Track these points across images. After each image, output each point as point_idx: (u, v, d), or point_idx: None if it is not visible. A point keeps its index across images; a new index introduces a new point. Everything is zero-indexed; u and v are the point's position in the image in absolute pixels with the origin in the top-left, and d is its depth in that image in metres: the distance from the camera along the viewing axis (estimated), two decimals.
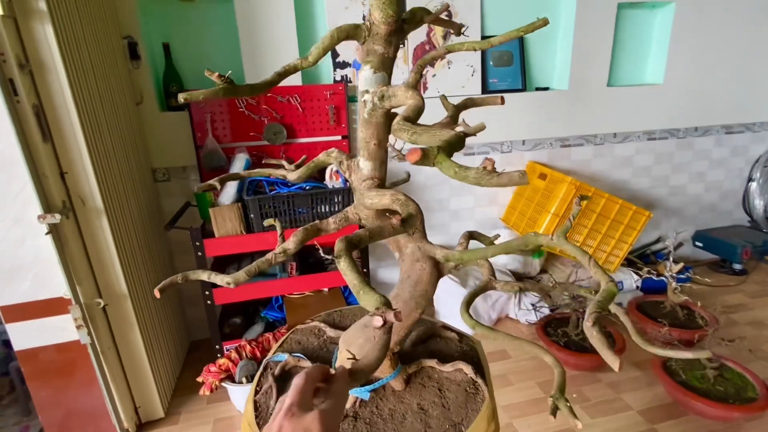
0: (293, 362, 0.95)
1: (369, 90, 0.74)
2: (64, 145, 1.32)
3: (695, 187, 2.80)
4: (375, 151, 0.79)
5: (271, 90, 1.91)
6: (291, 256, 1.98)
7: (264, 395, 0.88)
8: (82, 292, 1.42)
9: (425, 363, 0.96)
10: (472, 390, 0.91)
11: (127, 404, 1.62)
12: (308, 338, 1.06)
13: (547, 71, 2.38)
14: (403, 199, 0.72)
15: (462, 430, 0.82)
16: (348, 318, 1.14)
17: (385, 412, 0.87)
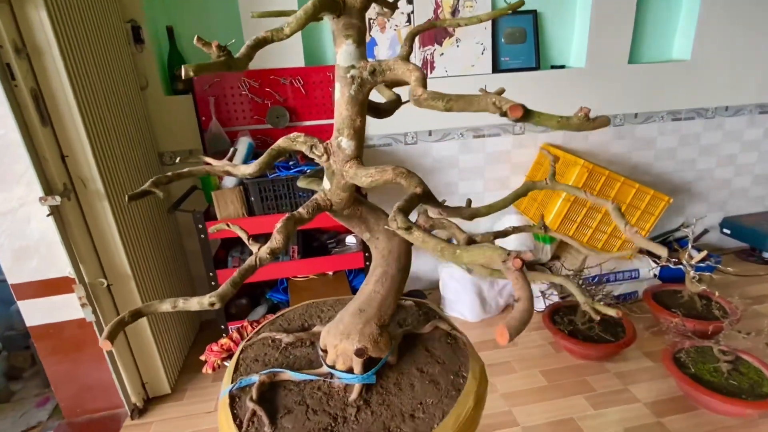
0: (268, 379, 0.87)
1: (355, 65, 0.71)
2: (63, 129, 1.35)
3: (724, 170, 2.63)
4: (359, 128, 0.76)
5: (274, 72, 1.90)
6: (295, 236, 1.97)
7: (252, 424, 0.79)
8: (86, 271, 1.46)
9: (406, 331, 0.97)
10: (451, 341, 0.96)
11: (135, 380, 1.68)
12: (265, 352, 0.96)
13: (563, 48, 2.26)
14: (407, 172, 0.71)
15: (464, 375, 0.87)
16: (295, 321, 1.06)
17: (391, 387, 0.86)
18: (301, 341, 0.99)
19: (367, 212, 0.91)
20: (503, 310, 2.24)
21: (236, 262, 1.86)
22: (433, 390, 0.85)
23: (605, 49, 2.20)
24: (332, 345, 0.89)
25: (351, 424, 0.80)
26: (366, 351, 0.86)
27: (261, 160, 0.82)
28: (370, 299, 0.88)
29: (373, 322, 0.87)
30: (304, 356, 0.94)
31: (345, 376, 0.86)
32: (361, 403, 0.84)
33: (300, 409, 0.84)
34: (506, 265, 0.52)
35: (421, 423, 0.79)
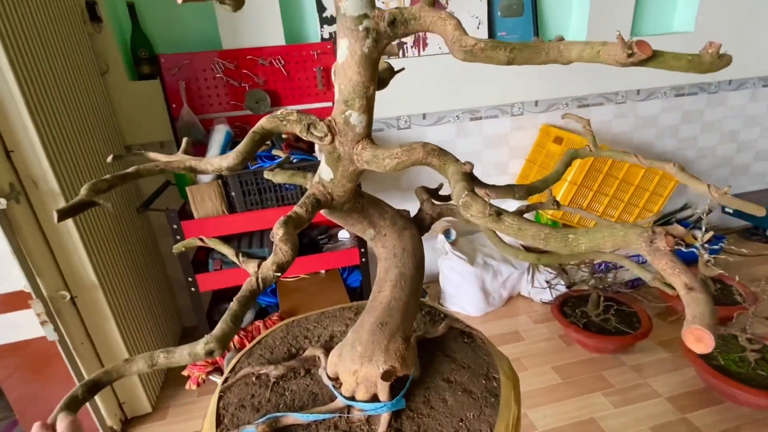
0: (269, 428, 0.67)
1: (368, 14, 0.54)
2: (5, 119, 1.15)
3: (726, 147, 2.55)
4: (371, 98, 0.59)
5: (252, 51, 1.71)
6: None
7: None
8: (44, 284, 1.27)
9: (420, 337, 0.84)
10: (468, 340, 0.85)
11: (110, 400, 1.50)
12: (252, 393, 0.76)
13: (563, 21, 2.11)
14: (439, 150, 0.56)
15: (495, 376, 0.76)
16: (279, 347, 0.86)
17: (422, 408, 0.71)
18: (293, 371, 0.80)
19: (369, 204, 0.75)
20: (506, 303, 2.12)
21: (218, 265, 1.69)
22: (469, 401, 0.71)
23: (606, 22, 2.06)
24: (349, 372, 0.72)
25: None
26: (395, 372, 0.71)
27: (240, 149, 0.63)
28: (391, 309, 0.72)
29: (398, 336, 0.72)
30: (303, 390, 0.76)
31: (369, 407, 0.70)
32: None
33: None
34: (654, 246, 0.39)
35: None
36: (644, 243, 0.39)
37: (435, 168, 0.56)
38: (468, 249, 2.09)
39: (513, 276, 2.04)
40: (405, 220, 0.77)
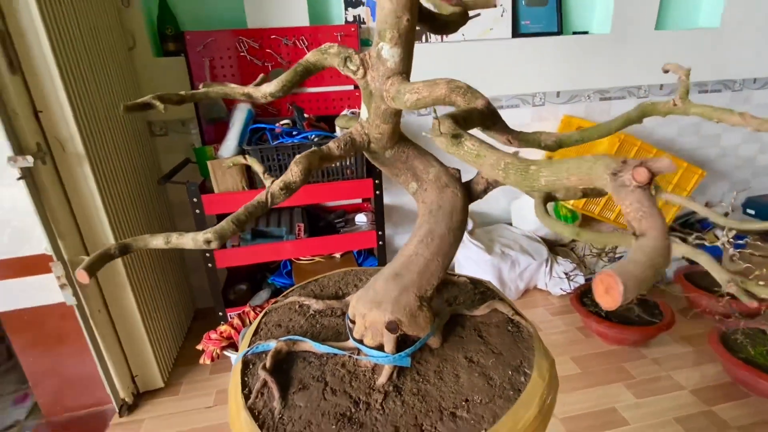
0: (287, 347, 0.73)
1: None
2: (36, 80, 1.16)
3: (750, 147, 2.50)
4: (406, 28, 0.58)
5: (276, 31, 1.72)
6: (300, 214, 1.80)
7: (260, 396, 0.66)
8: (65, 247, 1.27)
9: (454, 311, 0.79)
10: (513, 329, 0.78)
11: (123, 372, 1.49)
12: (290, 317, 0.84)
13: (587, 12, 2.10)
14: (466, 87, 0.54)
15: (527, 372, 0.68)
16: (329, 287, 0.92)
17: (430, 375, 0.69)
18: (331, 310, 0.82)
19: (415, 156, 0.74)
20: (523, 295, 2.09)
21: (235, 241, 1.68)
22: (484, 386, 0.67)
23: (631, 14, 2.05)
24: (361, 314, 0.72)
25: (374, 413, 0.64)
26: (400, 325, 0.69)
27: (284, 78, 0.65)
28: (410, 262, 0.71)
29: (411, 291, 0.69)
30: (333, 327, 0.77)
31: (373, 354, 0.69)
32: (390, 389, 0.67)
33: (317, 387, 0.67)
34: (620, 179, 0.35)
35: (464, 425, 0.61)
36: (610, 173, 0.34)
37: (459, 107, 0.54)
38: (485, 239, 2.07)
39: (531, 267, 2.01)
40: (450, 178, 0.73)
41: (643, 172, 0.32)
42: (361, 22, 1.86)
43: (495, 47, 1.97)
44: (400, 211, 2.16)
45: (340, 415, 0.64)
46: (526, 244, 2.04)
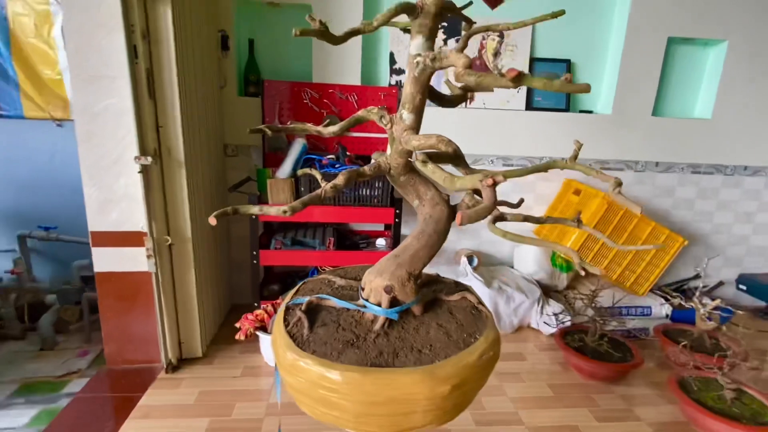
0: (317, 301, 1.08)
1: (421, 54, 0.94)
2: (163, 104, 1.62)
3: (742, 227, 2.73)
4: (418, 104, 0.97)
5: (333, 86, 2.18)
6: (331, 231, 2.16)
7: (295, 326, 1.01)
8: (156, 228, 1.68)
9: (436, 294, 1.12)
10: (476, 312, 1.09)
11: (174, 337, 1.84)
12: (320, 287, 1.17)
13: (592, 95, 2.49)
14: (447, 140, 0.91)
15: (477, 337, 0.99)
16: (352, 272, 1.27)
17: (410, 329, 1.02)
18: (350, 287, 1.16)
19: (419, 182, 1.10)
20: (516, 330, 2.34)
21: (278, 245, 2.06)
22: (445, 339, 0.99)
23: (630, 101, 2.42)
24: (368, 281, 1.06)
25: (368, 343, 0.96)
26: (393, 289, 1.02)
27: (342, 125, 1.05)
28: (405, 248, 1.06)
29: (404, 268, 1.04)
30: (349, 296, 1.11)
31: (373, 308, 1.03)
32: (381, 333, 1.00)
33: (333, 325, 1.01)
34: (483, 183, 0.70)
35: (424, 357, 0.93)
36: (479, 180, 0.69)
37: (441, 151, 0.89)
38: (487, 276, 2.36)
39: (524, 305, 2.27)
40: (441, 199, 1.09)
41: (490, 180, 0.68)
42: (401, 86, 2.31)
43: (510, 116, 2.36)
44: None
45: (346, 341, 0.97)
46: (522, 284, 2.32)
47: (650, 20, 2.32)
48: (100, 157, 1.63)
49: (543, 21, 0.96)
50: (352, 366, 0.92)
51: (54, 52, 2.14)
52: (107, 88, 1.57)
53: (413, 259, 1.04)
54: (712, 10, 2.34)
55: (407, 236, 1.08)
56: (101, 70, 1.55)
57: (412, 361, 0.93)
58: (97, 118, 1.60)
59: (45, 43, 2.13)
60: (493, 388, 1.85)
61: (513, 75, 0.68)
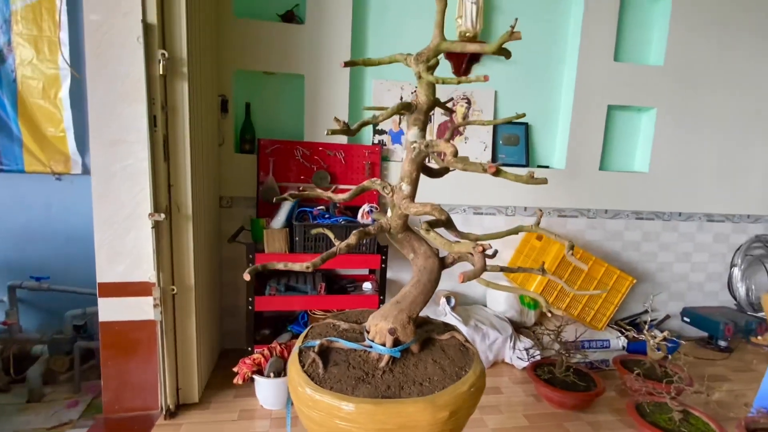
0: (327, 344, 1.26)
1: (417, 141, 1.19)
2: (176, 164, 1.79)
3: (682, 266, 3.11)
4: (414, 179, 1.21)
5: (323, 145, 2.42)
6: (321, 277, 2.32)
7: (311, 366, 1.18)
8: (162, 278, 1.80)
9: (429, 334, 1.32)
10: (463, 349, 1.28)
11: (173, 383, 1.92)
12: (327, 331, 1.35)
13: (548, 152, 2.86)
14: (439, 207, 1.14)
15: (467, 370, 1.20)
16: (353, 316, 1.46)
17: (410, 365, 1.20)
18: (353, 329, 1.34)
19: (414, 239, 1.33)
20: (492, 366, 2.53)
21: (273, 291, 2.20)
22: (441, 373, 1.20)
23: (580, 157, 2.79)
24: (374, 324, 1.25)
25: (377, 379, 1.15)
26: (396, 331, 1.22)
27: (352, 192, 1.26)
28: (405, 296, 1.26)
29: (405, 313, 1.24)
30: (353, 338, 1.29)
31: (378, 348, 1.22)
32: (386, 369, 1.18)
33: (344, 365, 1.19)
34: (474, 249, 0.94)
35: (425, 389, 1.13)
36: (471, 248, 0.94)
37: (435, 216, 1.13)
38: (464, 314, 2.57)
39: (498, 341, 2.49)
40: (432, 253, 1.32)
41: (480, 248, 0.91)
42: (383, 144, 2.59)
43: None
44: (397, 284, 2.70)
45: (357, 378, 1.15)
46: (495, 321, 2.54)
47: (592, 90, 2.73)
48: (114, 212, 1.77)
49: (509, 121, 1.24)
50: (366, 398, 1.09)
51: (60, 111, 2.28)
52: (125, 151, 1.74)
53: (412, 305, 1.25)
54: (642, 83, 2.79)
55: (407, 284, 1.29)
56: (121, 135, 1.72)
57: (416, 393, 1.12)
58: (113, 178, 1.75)
59: (51, 103, 2.27)
60: (475, 420, 2.02)
61: (492, 171, 0.93)
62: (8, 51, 2.22)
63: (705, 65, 2.86)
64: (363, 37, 2.52)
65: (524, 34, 2.64)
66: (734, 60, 2.89)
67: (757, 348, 2.98)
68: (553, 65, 2.76)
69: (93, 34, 1.67)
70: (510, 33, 1.02)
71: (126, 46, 1.67)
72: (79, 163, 2.33)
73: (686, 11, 2.76)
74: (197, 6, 1.88)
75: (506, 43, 1.04)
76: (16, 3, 2.21)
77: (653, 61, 2.86)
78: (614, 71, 2.76)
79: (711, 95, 2.90)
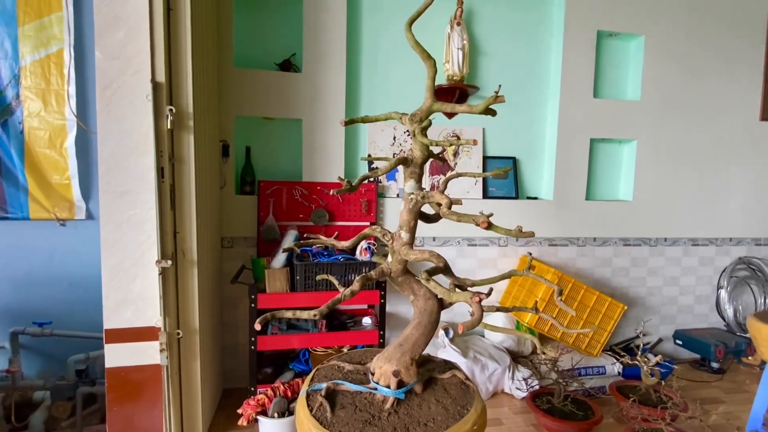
0: (333, 386, 1.32)
1: (414, 192, 1.28)
2: (181, 213, 1.87)
3: (671, 289, 3.20)
4: (412, 227, 1.30)
5: (321, 184, 2.51)
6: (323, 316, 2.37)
7: (319, 410, 1.24)
8: (168, 323, 1.85)
9: (431, 374, 1.38)
10: (464, 387, 1.34)
11: (177, 427, 1.94)
12: (332, 373, 1.41)
13: (536, 184, 2.98)
14: (437, 254, 1.22)
15: (468, 409, 1.25)
16: (356, 357, 1.52)
17: (414, 406, 1.26)
18: (357, 371, 1.40)
19: (414, 282, 1.41)
20: (491, 396, 2.57)
21: (275, 330, 2.24)
22: (444, 413, 1.26)
23: (567, 188, 2.92)
24: (378, 367, 1.31)
25: (383, 421, 1.20)
26: (400, 373, 1.28)
27: (354, 240, 1.35)
28: (407, 338, 1.33)
29: (408, 355, 1.31)
30: (359, 380, 1.35)
31: (383, 390, 1.27)
32: (392, 411, 1.24)
33: (350, 407, 1.24)
34: (472, 300, 1.01)
35: (429, 429, 1.19)
36: (470, 297, 1.01)
37: (434, 263, 1.22)
38: (462, 346, 2.62)
39: (497, 372, 2.53)
40: (432, 295, 1.39)
41: (477, 298, 0.99)
42: (378, 182, 2.69)
43: (471, 204, 2.77)
44: (396, 317, 2.75)
45: (364, 420, 1.20)
46: (493, 352, 2.60)
47: (575, 125, 2.88)
48: (121, 260, 1.83)
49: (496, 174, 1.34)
50: None
51: (65, 160, 2.36)
52: (132, 201, 1.81)
53: (414, 347, 1.31)
54: (621, 117, 2.95)
55: (408, 326, 1.36)
56: (129, 186, 1.80)
57: None
58: (120, 227, 1.82)
59: (57, 152, 2.35)
60: None
61: (485, 226, 1.02)
62: (17, 104, 2.32)
63: (679, 96, 3.03)
64: (356, 82, 2.66)
65: (508, 74, 2.81)
66: (705, 90, 3.07)
67: (748, 368, 3.05)
68: (537, 102, 2.91)
69: (104, 92, 1.77)
70: (494, 97, 1.14)
71: (135, 103, 1.77)
72: (83, 208, 2.39)
73: (658, 49, 2.95)
74: (201, 60, 2.00)
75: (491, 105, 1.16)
76: (25, 58, 2.32)
77: (630, 96, 3.03)
78: (595, 107, 2.91)
79: (687, 124, 3.07)
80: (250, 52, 2.54)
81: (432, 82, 1.24)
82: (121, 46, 1.75)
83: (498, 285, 2.91)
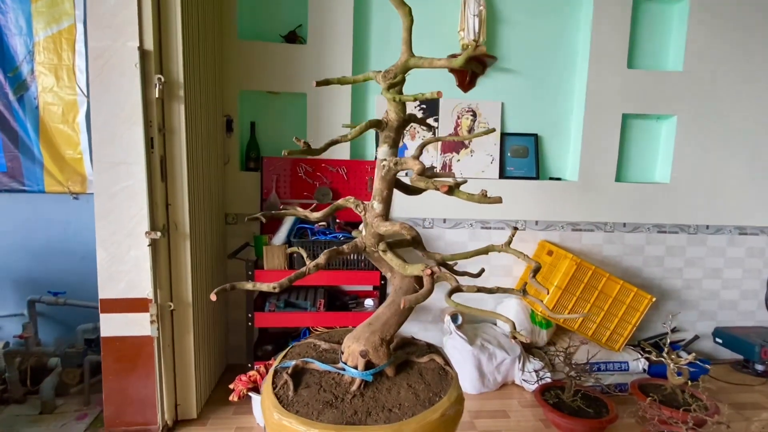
0: (302, 364, 1.23)
1: (386, 159, 1.17)
2: (173, 184, 1.84)
3: (712, 282, 2.89)
4: (386, 197, 1.19)
5: (326, 161, 2.43)
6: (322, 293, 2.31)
7: (282, 389, 1.16)
8: (160, 295, 1.84)
9: (407, 357, 1.27)
10: (442, 373, 1.24)
11: (171, 399, 1.94)
12: (306, 351, 1.33)
13: (560, 164, 2.75)
14: (409, 226, 1.11)
15: (441, 396, 1.15)
16: (335, 337, 1.42)
17: (383, 390, 1.16)
18: (333, 350, 1.31)
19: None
20: (500, 388, 2.43)
21: (272, 307, 2.21)
22: (413, 399, 1.14)
23: (595, 168, 2.68)
24: (347, 346, 1.22)
25: (345, 404, 1.11)
26: (368, 354, 1.18)
27: (326, 212, 1.25)
28: (378, 317, 1.23)
29: (377, 334, 1.20)
30: (331, 359, 1.26)
31: (351, 371, 1.18)
32: (357, 393, 1.14)
33: (315, 387, 1.16)
34: (424, 272, 0.89)
35: (393, 415, 1.08)
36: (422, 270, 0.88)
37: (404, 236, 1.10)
38: (471, 333, 2.49)
39: (506, 361, 2.38)
40: None
41: (428, 270, 0.87)
42: None
43: (486, 184, 2.60)
44: None
45: (325, 402, 1.12)
46: (503, 341, 2.44)
47: (605, 99, 2.63)
48: (114, 231, 1.83)
49: (482, 135, 1.20)
50: (329, 425, 1.06)
51: (77, 135, 2.41)
52: (125, 172, 1.80)
53: (385, 326, 1.21)
54: (659, 90, 2.66)
55: (381, 305, 1.26)
56: (121, 157, 1.79)
57: (383, 420, 1.07)
58: (113, 198, 1.81)
59: (70, 127, 2.40)
60: None
61: (445, 190, 0.89)
62: (31, 79, 2.37)
63: (728, 69, 2.69)
64: (365, 55, 2.54)
65: (530, 43, 2.59)
66: (759, 60, 2.71)
67: None
68: (562, 74, 2.67)
69: (96, 61, 1.75)
70: (474, 47, 0.99)
71: (126, 72, 1.74)
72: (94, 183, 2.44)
73: (705, 13, 2.62)
74: (196, 30, 1.95)
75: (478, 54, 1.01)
76: (38, 34, 2.36)
77: (671, 66, 2.72)
78: (629, 78, 2.64)
79: (736, 100, 2.72)
80: (254, 23, 2.47)
81: (408, 34, 1.11)
82: (112, 15, 1.72)
83: (515, 271, 2.74)
